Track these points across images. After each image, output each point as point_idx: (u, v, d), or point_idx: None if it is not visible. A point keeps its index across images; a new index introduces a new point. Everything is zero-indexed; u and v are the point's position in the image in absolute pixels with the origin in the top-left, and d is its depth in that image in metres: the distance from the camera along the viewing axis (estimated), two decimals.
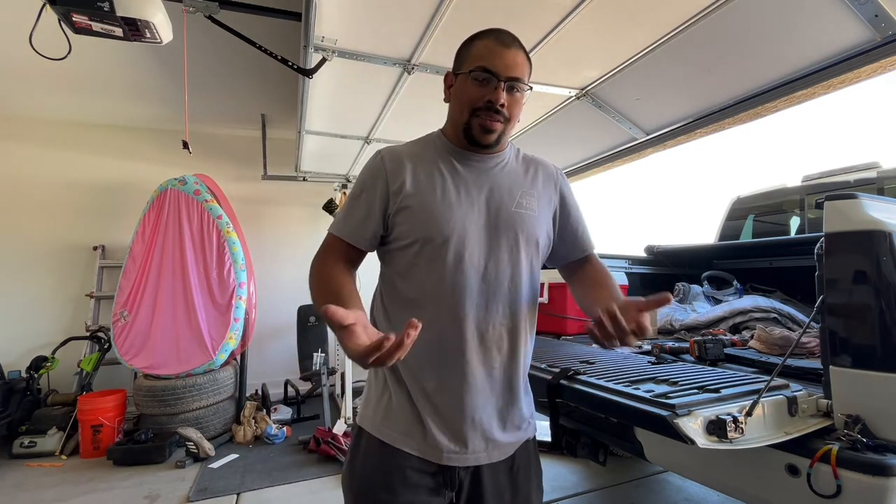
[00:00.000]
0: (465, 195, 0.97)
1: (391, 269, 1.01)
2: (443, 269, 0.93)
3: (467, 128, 0.97)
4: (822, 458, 0.98)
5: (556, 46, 2.10)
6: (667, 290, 1.03)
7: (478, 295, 0.94)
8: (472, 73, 0.94)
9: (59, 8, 1.72)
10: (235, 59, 3.04)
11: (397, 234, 0.97)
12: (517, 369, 0.99)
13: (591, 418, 1.53)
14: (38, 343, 3.82)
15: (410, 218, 0.95)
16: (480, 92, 0.94)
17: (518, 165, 1.07)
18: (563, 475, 2.74)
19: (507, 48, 0.95)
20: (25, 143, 4.03)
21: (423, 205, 0.95)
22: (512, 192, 1.01)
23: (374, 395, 1.00)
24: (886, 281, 1.03)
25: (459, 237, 0.94)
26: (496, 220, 0.97)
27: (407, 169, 0.98)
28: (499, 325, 0.96)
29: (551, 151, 3.49)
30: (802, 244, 2.39)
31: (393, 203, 0.96)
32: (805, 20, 1.70)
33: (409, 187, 0.96)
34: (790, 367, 1.35)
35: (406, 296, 0.97)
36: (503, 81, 0.94)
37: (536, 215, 1.02)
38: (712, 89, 2.22)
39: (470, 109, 0.95)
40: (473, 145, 0.99)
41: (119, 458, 3.01)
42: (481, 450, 0.95)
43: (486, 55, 0.94)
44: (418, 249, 0.94)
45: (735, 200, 3.89)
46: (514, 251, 0.98)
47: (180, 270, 3.52)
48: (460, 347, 0.93)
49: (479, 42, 0.97)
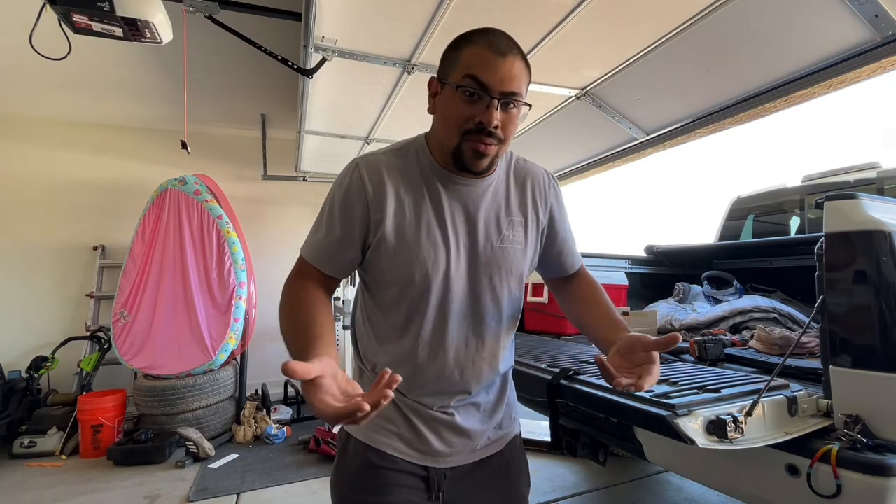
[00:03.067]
0: (451, 230, 0.89)
1: (370, 295, 0.96)
2: (425, 311, 0.89)
3: (457, 153, 0.84)
4: (822, 458, 0.98)
5: (556, 46, 2.10)
6: (667, 291, 1.03)
7: (459, 331, 0.91)
8: (461, 87, 0.79)
9: (59, 8, 1.72)
10: (235, 59, 3.04)
11: (375, 270, 0.90)
12: (500, 383, 1.00)
13: (591, 418, 1.53)
14: (38, 343, 3.82)
15: (392, 257, 0.87)
16: (470, 110, 0.80)
17: (508, 184, 0.96)
18: (563, 475, 2.74)
19: (503, 57, 0.80)
20: (25, 143, 4.03)
21: (406, 243, 0.86)
22: (500, 223, 0.92)
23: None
24: (886, 281, 1.03)
25: (444, 280, 0.88)
26: (481, 259, 0.91)
27: (389, 195, 0.86)
28: (481, 357, 0.94)
29: (551, 151, 3.49)
30: (802, 244, 2.39)
31: (373, 234, 0.87)
32: (805, 20, 1.70)
33: (391, 219, 0.86)
34: (790, 367, 1.35)
35: (386, 326, 0.93)
36: (497, 99, 0.79)
37: (522, 248, 0.95)
38: (712, 89, 2.22)
39: (459, 132, 0.82)
40: (462, 170, 0.87)
41: (119, 458, 3.01)
42: (467, 450, 0.95)
43: (478, 64, 0.79)
44: (398, 290, 0.89)
45: (735, 200, 3.89)
46: (499, 287, 0.93)
47: (180, 270, 3.52)
48: (443, 375, 0.91)
49: (469, 48, 0.81)
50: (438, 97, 0.87)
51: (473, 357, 0.93)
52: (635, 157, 3.02)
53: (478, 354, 0.94)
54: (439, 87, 0.86)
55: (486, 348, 0.95)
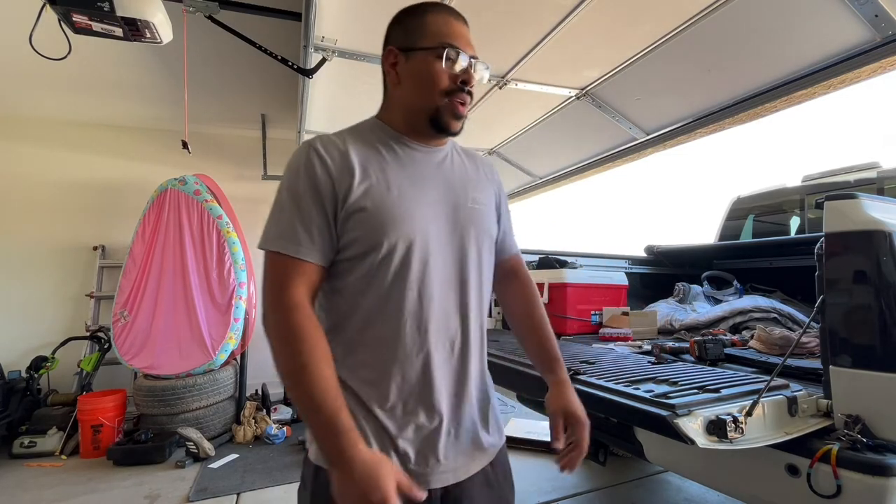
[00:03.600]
0: (422, 193, 0.85)
1: (339, 283, 0.84)
2: (408, 279, 0.81)
3: (436, 115, 0.85)
4: (822, 458, 0.98)
5: (556, 46, 2.10)
6: (667, 291, 1.03)
7: (445, 302, 0.85)
8: (441, 50, 0.83)
9: (59, 8, 1.72)
10: (235, 59, 3.04)
11: (347, 243, 0.81)
12: (483, 374, 0.94)
13: (591, 418, 1.53)
14: (38, 343, 3.82)
15: (365, 223, 0.80)
16: (451, 72, 0.85)
17: (461, 158, 0.98)
18: (563, 475, 2.74)
19: (465, 25, 0.89)
20: (25, 143, 4.03)
21: (379, 206, 0.80)
22: (465, 188, 0.92)
23: None
24: (886, 281, 1.03)
25: (423, 241, 0.83)
26: (456, 220, 0.88)
27: (353, 163, 0.82)
28: (468, 329, 0.88)
29: (551, 151, 3.49)
30: (802, 244, 2.39)
31: (342, 206, 0.80)
32: (805, 20, 1.70)
33: (359, 185, 0.81)
34: (790, 367, 1.35)
35: (359, 314, 0.83)
36: (473, 59, 0.87)
37: (488, 210, 0.95)
38: (712, 89, 2.22)
39: (441, 93, 0.84)
40: (439, 133, 0.88)
41: (119, 458, 3.01)
42: (462, 464, 0.85)
43: (450, 32, 0.85)
44: (376, 258, 0.80)
45: (735, 200, 3.89)
46: (478, 249, 0.90)
47: (180, 270, 3.52)
48: (431, 361, 0.83)
49: (434, 16, 0.86)
50: (406, 65, 0.87)
51: (464, 331, 0.87)
52: (635, 157, 3.02)
53: (468, 330, 0.87)
54: (402, 56, 0.87)
55: (473, 324, 0.89)
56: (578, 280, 2.39)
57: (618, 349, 1.91)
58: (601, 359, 1.59)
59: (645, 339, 2.10)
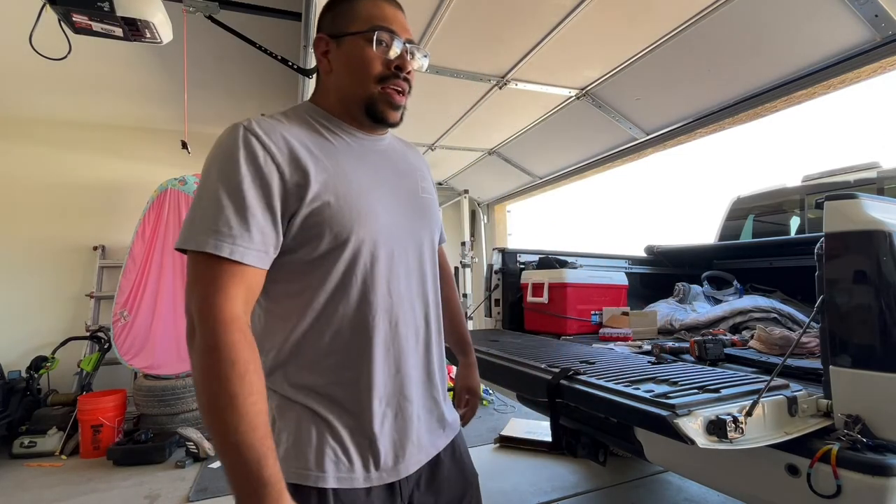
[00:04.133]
0: (379, 184, 0.82)
1: (291, 285, 0.76)
2: (377, 275, 0.78)
3: (371, 104, 0.81)
4: (822, 458, 0.98)
5: (556, 46, 2.10)
6: (667, 291, 1.03)
7: (410, 293, 0.83)
8: (371, 34, 0.78)
9: (59, 8, 1.72)
10: (235, 59, 3.04)
11: (305, 241, 0.73)
12: (443, 357, 0.94)
13: (591, 418, 1.53)
14: (38, 343, 3.82)
15: (330, 219, 0.73)
16: (383, 55, 0.80)
17: (401, 146, 0.95)
18: (563, 475, 2.74)
19: (399, 9, 0.84)
20: (25, 143, 4.03)
21: (342, 200, 0.74)
22: (414, 178, 0.90)
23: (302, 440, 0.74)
24: (886, 281, 1.03)
25: (389, 235, 0.79)
26: (412, 211, 0.86)
27: (302, 149, 0.74)
28: (430, 318, 0.88)
29: (551, 151, 3.49)
30: (802, 244, 2.39)
31: (297, 201, 0.71)
32: (805, 20, 1.71)
33: (316, 176, 0.73)
34: (790, 367, 1.35)
35: (322, 313, 0.76)
36: (408, 43, 0.81)
37: (434, 200, 0.95)
38: (712, 89, 2.22)
39: (374, 80, 0.79)
40: (377, 123, 0.83)
41: (119, 458, 3.01)
42: (430, 443, 0.87)
43: (382, 15, 0.80)
44: (339, 253, 0.74)
45: (735, 200, 3.89)
46: (431, 241, 0.89)
47: (180, 270, 3.52)
48: (402, 352, 0.81)
49: (364, 1, 0.81)
50: (337, 52, 0.82)
51: (427, 321, 0.87)
52: (635, 157, 3.02)
53: (430, 319, 0.87)
54: (333, 43, 0.82)
55: (434, 312, 0.89)
56: (578, 280, 2.39)
57: (618, 349, 1.91)
58: (601, 359, 1.59)
59: (645, 339, 2.10)
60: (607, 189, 7.30)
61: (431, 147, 3.78)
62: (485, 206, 5.46)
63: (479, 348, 1.84)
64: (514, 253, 2.69)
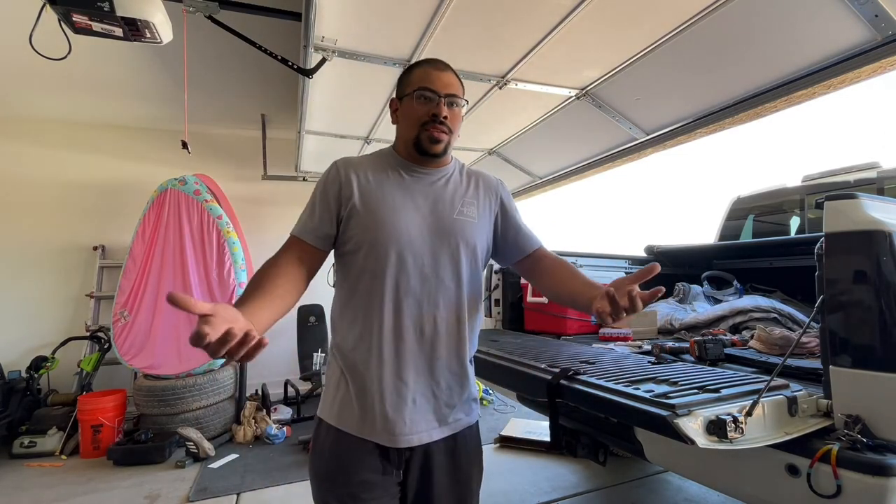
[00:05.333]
0: (412, 202, 1.08)
1: (343, 272, 1.10)
2: (385, 270, 1.02)
3: (417, 141, 1.08)
4: (822, 458, 0.98)
5: (556, 46, 2.10)
6: (666, 290, 1.03)
7: (420, 293, 1.04)
8: (416, 93, 1.07)
9: (59, 8, 1.72)
10: (235, 59, 3.04)
11: (346, 238, 1.06)
12: (458, 358, 1.08)
13: (591, 418, 1.53)
14: (38, 343, 3.82)
15: (359, 222, 1.04)
16: (425, 108, 1.07)
17: (461, 178, 1.18)
18: (563, 475, 2.74)
19: (442, 71, 1.10)
20: (25, 143, 4.03)
21: (370, 210, 1.05)
22: (454, 202, 1.12)
23: (332, 388, 1.08)
24: (886, 281, 1.03)
25: (403, 240, 1.03)
26: (438, 227, 1.08)
27: (359, 177, 1.08)
28: (441, 319, 1.05)
29: (551, 151, 3.49)
30: (802, 244, 2.39)
31: (345, 207, 1.06)
32: (805, 20, 1.70)
33: (358, 193, 1.06)
34: (790, 367, 1.35)
35: (354, 296, 1.05)
36: (443, 97, 1.07)
37: (476, 223, 1.13)
38: (712, 89, 2.22)
39: (418, 124, 1.07)
40: (423, 156, 1.10)
41: (119, 458, 3.01)
42: (424, 430, 1.04)
43: (425, 78, 1.08)
44: (365, 252, 1.03)
45: (735, 200, 3.89)
46: (455, 254, 1.08)
47: (180, 270, 3.52)
48: (402, 340, 1.02)
49: (417, 70, 1.11)
50: (399, 111, 1.13)
51: (435, 316, 1.04)
52: (635, 157, 3.02)
53: (439, 315, 1.05)
54: (398, 103, 1.14)
55: (447, 311, 1.06)
56: None
57: (618, 349, 1.91)
58: (601, 359, 1.59)
59: (645, 339, 2.10)
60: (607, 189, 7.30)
61: None
62: None
63: (479, 348, 1.84)
64: None
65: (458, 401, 1.09)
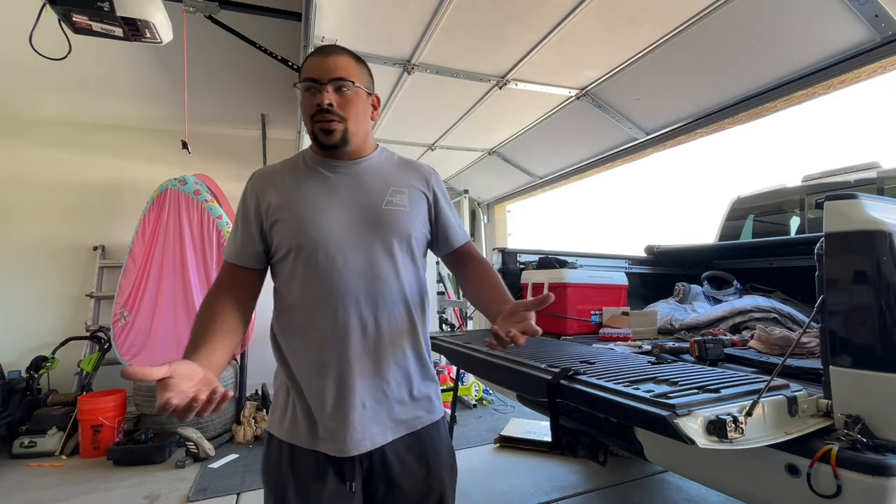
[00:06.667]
0: (335, 198, 1.03)
1: (277, 281, 1.06)
2: (316, 272, 0.98)
3: (314, 136, 1.03)
4: (822, 458, 0.98)
5: (556, 46, 2.10)
6: (667, 291, 1.03)
7: (357, 292, 0.99)
8: (301, 86, 1.02)
9: (59, 8, 1.72)
10: (235, 59, 3.04)
11: (275, 247, 1.03)
12: (406, 354, 1.04)
13: (591, 418, 1.53)
14: (38, 343, 3.82)
15: (283, 229, 1.01)
16: (311, 100, 1.00)
17: (389, 166, 1.12)
18: (563, 475, 2.74)
19: (327, 56, 1.01)
20: (25, 143, 4.03)
21: (293, 215, 1.01)
22: (381, 192, 1.06)
23: (280, 402, 1.05)
24: (886, 281, 1.03)
25: (329, 239, 0.99)
26: (367, 219, 1.02)
27: (276, 184, 1.04)
28: (383, 317, 1.00)
29: (551, 151, 3.49)
30: (802, 244, 2.38)
31: (266, 219, 1.03)
32: (805, 20, 1.71)
33: (277, 200, 1.02)
34: (790, 367, 1.35)
35: (289, 303, 1.02)
36: (326, 84, 0.99)
37: (408, 211, 1.07)
38: (712, 89, 2.22)
39: (309, 118, 1.01)
40: (324, 149, 1.04)
41: (119, 458, 3.01)
42: (378, 433, 0.99)
43: (308, 68, 1.02)
44: (294, 257, 1.00)
45: (735, 200, 3.89)
46: (389, 246, 1.02)
47: (180, 270, 3.52)
48: (344, 343, 0.97)
49: (306, 62, 1.04)
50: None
51: (375, 314, 0.99)
52: (635, 157, 3.02)
53: (382, 317, 1.00)
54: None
55: (388, 307, 1.01)
56: (578, 280, 2.39)
57: (618, 349, 1.91)
58: (601, 359, 1.59)
59: (645, 339, 2.10)
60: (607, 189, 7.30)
61: (431, 147, 3.78)
62: (485, 206, 5.46)
63: (479, 348, 1.85)
64: (513, 253, 2.69)
65: (414, 398, 1.04)
